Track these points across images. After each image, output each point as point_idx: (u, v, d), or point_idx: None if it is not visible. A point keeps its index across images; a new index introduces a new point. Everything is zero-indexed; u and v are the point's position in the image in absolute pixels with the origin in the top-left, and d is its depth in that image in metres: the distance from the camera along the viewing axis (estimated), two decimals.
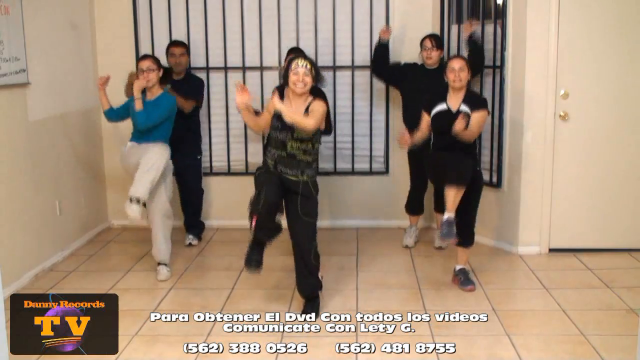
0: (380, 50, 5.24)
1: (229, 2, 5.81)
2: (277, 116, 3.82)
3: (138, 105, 4.50)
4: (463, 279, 4.48)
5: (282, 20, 5.81)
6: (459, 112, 4.31)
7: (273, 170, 3.89)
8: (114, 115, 4.71)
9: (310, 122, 3.73)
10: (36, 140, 4.82)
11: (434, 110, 4.39)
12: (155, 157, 4.46)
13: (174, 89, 4.97)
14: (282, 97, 3.89)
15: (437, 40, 5.13)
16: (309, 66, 3.79)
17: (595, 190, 5.05)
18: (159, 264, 4.75)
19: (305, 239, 3.95)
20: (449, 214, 4.24)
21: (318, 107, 3.84)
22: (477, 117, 4.29)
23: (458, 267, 4.55)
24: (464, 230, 4.44)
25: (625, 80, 4.93)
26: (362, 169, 6.02)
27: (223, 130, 5.99)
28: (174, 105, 4.66)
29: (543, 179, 5.05)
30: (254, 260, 3.98)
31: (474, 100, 4.40)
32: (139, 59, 4.65)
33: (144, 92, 4.61)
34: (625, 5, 4.86)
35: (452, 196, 4.22)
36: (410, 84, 5.15)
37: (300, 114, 3.80)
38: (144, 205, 4.47)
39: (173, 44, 5.44)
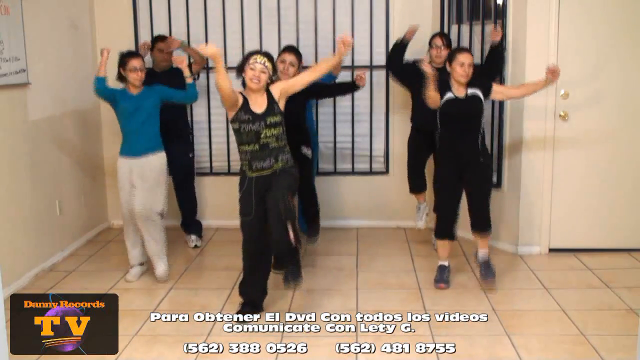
0: (401, 49, 5.05)
1: (229, 2, 5.81)
2: (246, 109, 3.81)
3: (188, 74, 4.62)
4: (484, 270, 4.43)
5: (282, 20, 5.81)
6: (467, 96, 4.29)
7: (250, 175, 3.87)
8: (105, 88, 4.51)
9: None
10: (36, 140, 4.82)
11: (442, 99, 4.31)
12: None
13: (159, 82, 4.84)
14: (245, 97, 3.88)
15: (447, 39, 5.07)
16: (267, 64, 3.80)
17: (595, 190, 5.05)
18: (152, 256, 4.73)
19: (280, 191, 3.82)
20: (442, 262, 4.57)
21: (280, 85, 3.94)
22: (497, 86, 4.43)
23: (481, 257, 4.48)
24: (479, 216, 4.42)
25: (626, 80, 4.93)
26: (362, 169, 6.02)
27: (223, 130, 5.98)
28: (162, 87, 4.68)
29: (543, 179, 5.05)
30: (244, 314, 4.02)
31: (479, 84, 4.35)
32: (127, 56, 4.54)
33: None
34: (625, 5, 4.86)
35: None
36: (420, 83, 5.08)
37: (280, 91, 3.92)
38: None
39: (161, 39, 5.33)
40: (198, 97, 4.72)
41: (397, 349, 3.59)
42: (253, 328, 3.88)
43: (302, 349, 3.59)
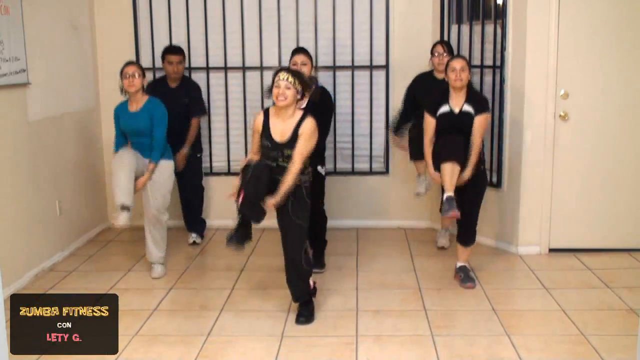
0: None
1: (229, 2, 5.81)
2: (267, 134, 3.85)
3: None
4: (463, 277, 4.52)
5: (282, 20, 5.81)
6: (462, 112, 4.31)
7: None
8: (120, 148, 4.68)
9: (296, 167, 3.78)
10: (36, 140, 4.82)
11: (439, 112, 4.37)
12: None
13: (169, 96, 4.94)
14: (267, 117, 3.88)
15: (448, 46, 5.07)
16: (290, 79, 3.79)
17: (595, 191, 5.05)
18: (152, 263, 4.78)
19: (296, 244, 3.91)
20: (448, 193, 4.22)
21: (306, 130, 3.81)
22: (480, 120, 4.31)
23: (459, 265, 4.59)
24: (465, 229, 4.49)
25: (625, 80, 4.93)
26: (362, 169, 6.02)
27: (223, 130, 5.99)
28: (165, 111, 4.62)
29: (543, 179, 5.05)
30: (235, 236, 3.95)
31: (477, 101, 4.37)
32: (124, 65, 4.57)
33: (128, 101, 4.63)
34: (625, 5, 4.86)
35: (448, 174, 4.20)
36: (423, 96, 4.97)
37: (292, 171, 3.79)
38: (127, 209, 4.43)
39: (170, 51, 5.34)
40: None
41: (397, 349, 3.59)
42: (253, 328, 3.88)
43: (302, 349, 3.60)
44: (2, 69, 4.35)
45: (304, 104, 4.23)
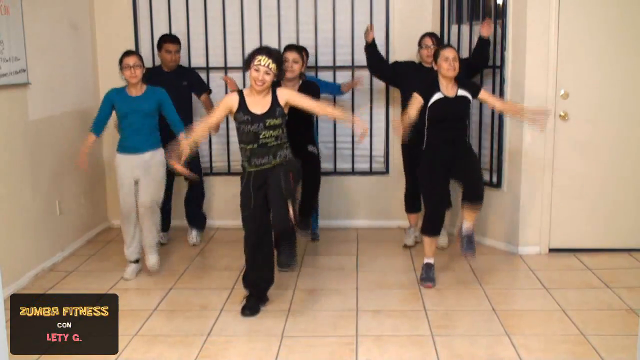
0: (370, 51, 5.16)
1: (229, 2, 5.81)
2: (244, 110, 3.86)
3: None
4: (466, 244, 4.46)
5: (282, 20, 5.81)
6: (457, 97, 4.32)
7: (249, 170, 3.92)
8: (101, 130, 4.71)
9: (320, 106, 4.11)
10: (36, 140, 4.82)
11: (431, 100, 4.33)
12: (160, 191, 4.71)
13: (166, 80, 4.95)
14: (242, 97, 3.92)
15: (437, 38, 5.10)
16: (271, 65, 3.81)
17: (595, 190, 5.05)
18: (147, 252, 4.76)
19: (283, 171, 3.90)
20: (428, 260, 4.59)
21: (290, 94, 3.96)
22: (484, 93, 4.43)
23: (465, 229, 4.47)
24: (473, 190, 4.36)
25: (625, 80, 4.93)
26: (362, 169, 6.02)
27: (223, 130, 5.98)
28: (167, 93, 4.64)
29: (543, 179, 5.05)
30: (248, 309, 4.06)
31: (470, 85, 4.43)
32: (124, 54, 4.56)
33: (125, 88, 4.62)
34: (625, 5, 4.86)
35: (428, 243, 4.58)
36: (409, 83, 5.09)
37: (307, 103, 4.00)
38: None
39: (168, 39, 5.34)
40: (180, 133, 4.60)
41: (397, 349, 3.59)
42: (253, 328, 3.88)
43: (302, 349, 3.59)
44: (2, 69, 4.35)
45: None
